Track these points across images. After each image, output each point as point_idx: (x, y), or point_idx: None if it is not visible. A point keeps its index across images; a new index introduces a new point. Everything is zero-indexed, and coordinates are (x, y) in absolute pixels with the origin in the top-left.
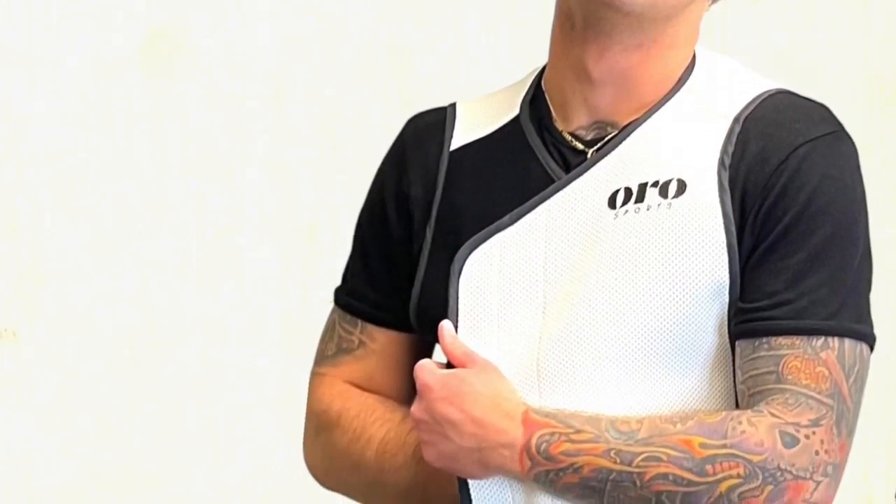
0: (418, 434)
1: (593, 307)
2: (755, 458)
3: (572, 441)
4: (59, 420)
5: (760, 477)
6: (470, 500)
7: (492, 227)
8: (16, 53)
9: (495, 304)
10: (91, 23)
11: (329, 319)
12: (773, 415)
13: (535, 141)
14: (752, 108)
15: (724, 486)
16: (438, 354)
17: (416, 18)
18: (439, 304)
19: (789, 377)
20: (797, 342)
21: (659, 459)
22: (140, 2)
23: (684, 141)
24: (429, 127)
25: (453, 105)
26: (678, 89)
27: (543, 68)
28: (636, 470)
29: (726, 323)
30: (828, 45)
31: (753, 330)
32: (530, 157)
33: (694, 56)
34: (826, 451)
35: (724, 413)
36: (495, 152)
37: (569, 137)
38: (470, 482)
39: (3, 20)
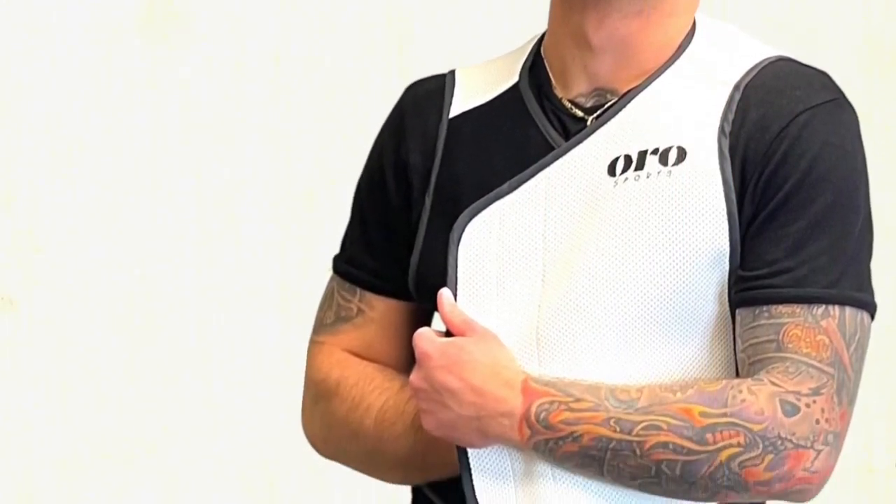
0: (417, 403)
1: (593, 275)
2: (755, 427)
3: (572, 410)
4: (56, 388)
5: (761, 446)
6: (469, 469)
7: (491, 194)
8: (13, 21)
9: (494, 273)
10: None
11: (327, 287)
12: (773, 383)
13: (535, 108)
14: (752, 75)
15: (724, 455)
16: (437, 323)
17: None
18: (438, 272)
19: (790, 346)
20: (797, 310)
21: (659, 428)
22: None
23: (684, 108)
24: (428, 94)
25: (452, 72)
26: (678, 56)
27: (543, 35)
28: (636, 439)
29: (726, 291)
30: (827, 12)
31: (753, 298)
32: (529, 125)
33: (694, 23)
34: (827, 420)
35: (724, 382)
36: (494, 120)
37: (568, 105)
38: (469, 451)
39: None
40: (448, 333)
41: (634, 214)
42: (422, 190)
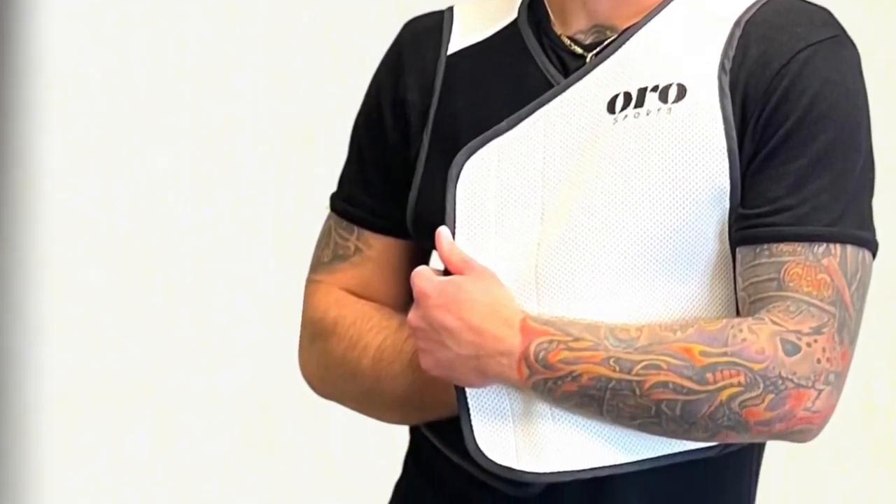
0: (415, 342)
1: (592, 213)
2: (756, 367)
3: (571, 349)
4: (52, 327)
5: (761, 385)
6: (467, 409)
7: (489, 132)
8: None
9: (493, 211)
10: None
11: (325, 226)
12: (774, 322)
13: (534, 45)
14: (752, 11)
15: (724, 395)
16: (436, 261)
17: None
18: (436, 210)
19: (791, 284)
20: (799, 249)
21: (659, 367)
22: None
23: (684, 45)
24: (426, 31)
25: (451, 9)
26: None
27: None
28: (636, 378)
29: (727, 229)
30: None
31: (754, 236)
32: (528, 62)
33: None
34: (828, 360)
35: (724, 321)
36: (493, 56)
37: (567, 41)
38: (467, 390)
39: None
40: (446, 272)
41: (634, 152)
42: (420, 127)
